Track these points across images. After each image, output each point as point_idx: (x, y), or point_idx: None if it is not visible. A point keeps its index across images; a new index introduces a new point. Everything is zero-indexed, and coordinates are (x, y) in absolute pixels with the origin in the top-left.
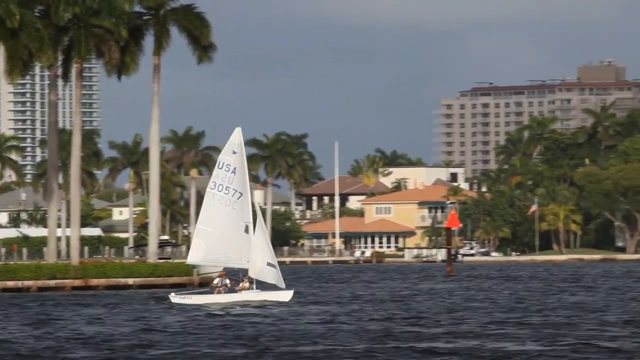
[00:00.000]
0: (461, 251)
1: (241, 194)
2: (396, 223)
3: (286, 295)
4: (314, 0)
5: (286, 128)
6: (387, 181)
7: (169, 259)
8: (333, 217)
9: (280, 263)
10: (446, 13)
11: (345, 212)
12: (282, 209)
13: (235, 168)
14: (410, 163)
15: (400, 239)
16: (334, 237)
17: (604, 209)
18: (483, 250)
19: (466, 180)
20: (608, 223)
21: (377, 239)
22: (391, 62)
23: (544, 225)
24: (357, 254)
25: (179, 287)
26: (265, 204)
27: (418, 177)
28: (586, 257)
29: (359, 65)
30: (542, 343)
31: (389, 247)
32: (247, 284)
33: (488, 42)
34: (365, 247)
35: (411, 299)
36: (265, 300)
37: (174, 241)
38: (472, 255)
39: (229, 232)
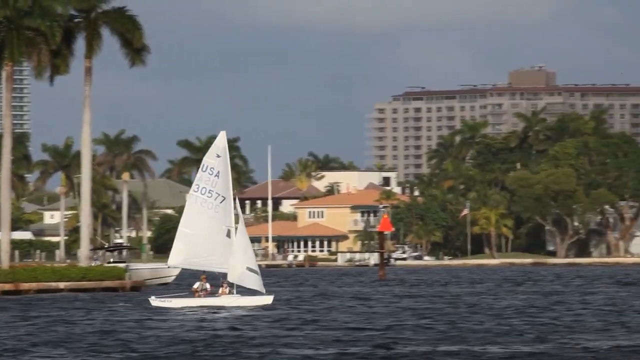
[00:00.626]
0: (394, 255)
1: (224, 197)
2: (329, 227)
3: (266, 300)
4: (246, 3)
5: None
6: (320, 185)
7: (124, 262)
8: (266, 221)
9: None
10: (379, 17)
11: (278, 216)
12: None
13: (219, 172)
14: (343, 167)
15: (333, 243)
16: (266, 241)
17: (535, 213)
18: (415, 254)
19: (398, 184)
20: (539, 227)
21: (310, 243)
22: (323, 66)
23: (475, 229)
24: (290, 258)
25: (111, 291)
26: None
27: (351, 181)
28: (517, 261)
29: (292, 68)
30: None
31: (321, 251)
32: (227, 289)
33: (420, 47)
34: (298, 251)
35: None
36: (245, 305)
37: (129, 244)
38: (404, 259)
39: (210, 236)
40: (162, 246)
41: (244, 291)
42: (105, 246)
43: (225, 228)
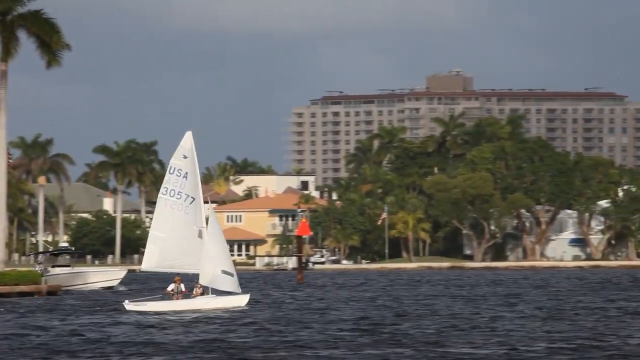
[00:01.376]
0: (312, 259)
1: (193, 198)
2: (247, 231)
3: (242, 300)
4: (164, 6)
5: (137, 136)
6: (238, 189)
7: (69, 266)
8: None
9: (131, 271)
10: (298, 22)
11: None
12: (133, 216)
13: (186, 173)
14: (261, 171)
15: (252, 247)
16: None
17: (452, 217)
18: (333, 258)
19: (317, 188)
20: (456, 231)
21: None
22: (242, 70)
23: (393, 233)
24: None
25: (26, 296)
26: (115, 212)
27: (269, 185)
28: (435, 264)
29: (210, 72)
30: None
31: (239, 255)
32: (200, 290)
33: (339, 52)
34: None
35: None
36: (221, 306)
37: (72, 248)
38: (322, 263)
39: (182, 237)
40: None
41: (220, 291)
42: (50, 250)
43: (197, 229)
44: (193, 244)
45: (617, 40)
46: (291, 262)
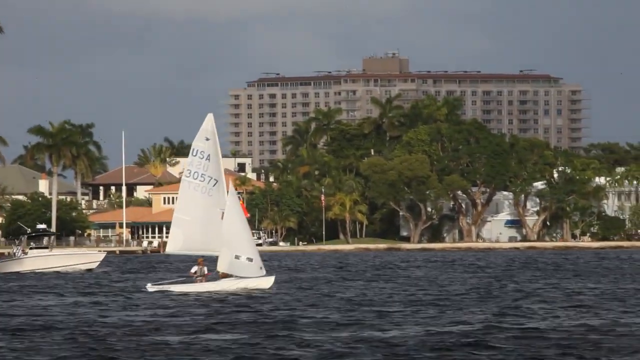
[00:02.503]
0: None
1: (216, 180)
2: None
3: (267, 282)
4: None
5: (73, 117)
6: (175, 171)
7: (47, 247)
8: (120, 207)
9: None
10: (233, 3)
11: (132, 202)
12: (68, 198)
13: (209, 155)
14: None
15: None
16: (121, 227)
17: (389, 199)
18: (271, 240)
19: (254, 170)
20: (393, 213)
21: (164, 229)
22: (178, 52)
23: (330, 215)
24: (145, 244)
25: None
26: (50, 194)
27: None
28: (372, 246)
29: (147, 54)
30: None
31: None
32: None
33: (275, 33)
34: (153, 237)
35: None
36: (246, 288)
37: (51, 230)
38: (259, 245)
39: (206, 220)
40: (14, 232)
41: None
42: (28, 232)
43: (220, 211)
44: (217, 226)
45: (551, 22)
46: None
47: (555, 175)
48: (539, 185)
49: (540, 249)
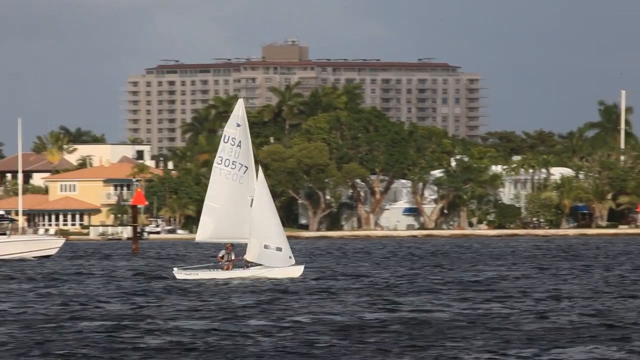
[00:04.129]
0: (147, 229)
1: (247, 167)
2: (81, 201)
3: (296, 271)
4: None
5: None
6: (72, 158)
7: (4, 234)
8: (16, 194)
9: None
10: None
11: (28, 189)
12: None
13: (240, 141)
14: (96, 140)
15: (86, 217)
16: (17, 215)
17: (288, 186)
18: (169, 227)
19: (152, 157)
20: (292, 201)
21: (61, 217)
22: (76, 38)
23: None
24: (41, 232)
25: None
26: None
27: (104, 155)
28: None
29: (43, 40)
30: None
31: (74, 224)
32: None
33: (174, 20)
34: (50, 225)
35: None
36: (274, 277)
37: (10, 216)
38: (158, 232)
39: (236, 207)
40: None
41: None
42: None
43: (250, 198)
44: (247, 214)
45: (449, 10)
46: (126, 232)
47: (453, 163)
48: (437, 173)
49: (438, 237)
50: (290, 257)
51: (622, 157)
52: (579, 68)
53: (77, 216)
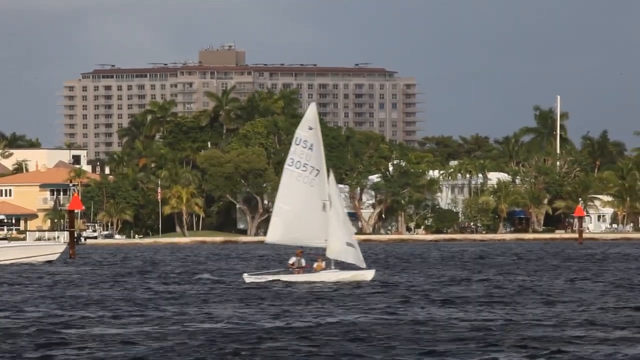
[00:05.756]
0: (84, 234)
1: (318, 170)
2: (17, 205)
3: (368, 275)
4: None
5: None
6: (8, 163)
7: (6, 239)
8: None
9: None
10: None
11: None
12: None
13: (312, 144)
14: (31, 145)
15: (22, 222)
16: None
17: (226, 191)
18: (106, 232)
19: (89, 162)
20: (230, 205)
21: None
22: (10, 43)
23: (167, 209)
24: None
25: None
26: None
27: (40, 159)
28: (209, 239)
29: None
30: None
31: (10, 229)
32: (323, 264)
33: (110, 25)
34: None
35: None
36: (346, 280)
37: (11, 221)
38: (95, 237)
39: (307, 210)
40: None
41: (343, 266)
42: None
43: (321, 202)
44: (317, 217)
45: (386, 15)
46: (63, 237)
47: (391, 168)
48: (375, 178)
49: (376, 242)
50: (362, 260)
51: (558, 162)
52: (514, 73)
53: (13, 221)
